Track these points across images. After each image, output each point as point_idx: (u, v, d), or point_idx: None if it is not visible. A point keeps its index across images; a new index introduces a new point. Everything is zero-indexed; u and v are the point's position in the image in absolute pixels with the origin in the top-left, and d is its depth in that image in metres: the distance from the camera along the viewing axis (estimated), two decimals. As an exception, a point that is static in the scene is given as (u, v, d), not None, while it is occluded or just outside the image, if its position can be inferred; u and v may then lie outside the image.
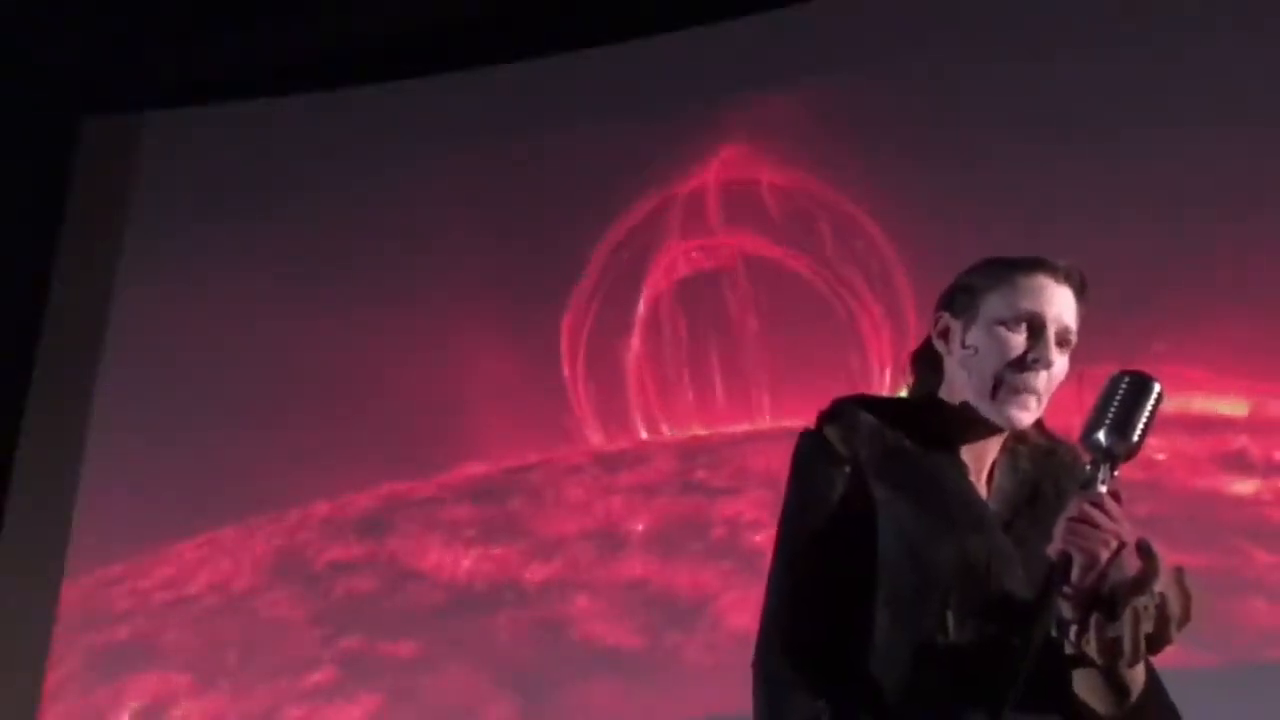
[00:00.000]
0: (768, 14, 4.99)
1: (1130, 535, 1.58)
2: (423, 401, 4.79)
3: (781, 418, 4.41)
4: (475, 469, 4.69)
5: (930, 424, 1.77)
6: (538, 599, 4.42)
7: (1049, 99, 4.54)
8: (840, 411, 1.76)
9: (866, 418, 1.75)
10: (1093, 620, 1.56)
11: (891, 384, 4.27)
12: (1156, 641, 1.59)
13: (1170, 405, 4.18)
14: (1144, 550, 1.59)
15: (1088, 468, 1.62)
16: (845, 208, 4.67)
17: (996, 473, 1.78)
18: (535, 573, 4.47)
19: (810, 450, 1.75)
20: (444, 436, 4.74)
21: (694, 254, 4.81)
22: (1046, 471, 1.76)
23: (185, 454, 4.91)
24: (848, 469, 1.71)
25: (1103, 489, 1.60)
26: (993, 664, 1.58)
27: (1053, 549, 1.58)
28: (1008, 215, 4.42)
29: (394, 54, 5.37)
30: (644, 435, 4.62)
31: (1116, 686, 1.62)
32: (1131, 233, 4.26)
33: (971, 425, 1.76)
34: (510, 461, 4.67)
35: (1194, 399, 4.05)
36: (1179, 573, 1.61)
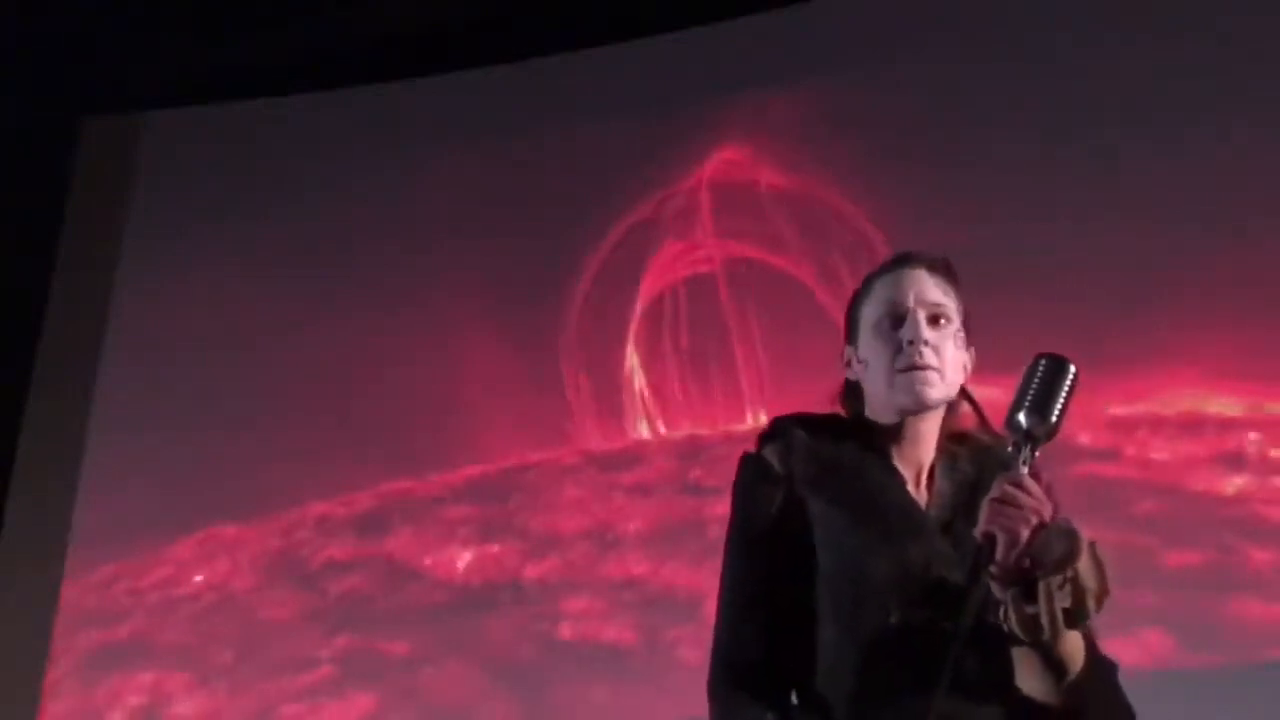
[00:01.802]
0: (768, 14, 4.99)
1: (1050, 513, 1.61)
2: (421, 401, 4.79)
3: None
4: (473, 468, 4.69)
5: (864, 438, 1.81)
6: (535, 597, 4.42)
7: (1050, 99, 4.54)
8: (777, 431, 1.82)
9: (801, 435, 1.80)
10: (1009, 598, 1.60)
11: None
12: (1076, 616, 1.61)
13: (1168, 406, 4.20)
14: (1063, 529, 1.61)
15: (1009, 449, 1.66)
16: (844, 209, 4.66)
17: (936, 477, 1.80)
18: (532, 571, 4.47)
19: (748, 470, 1.81)
20: (442, 436, 4.74)
21: (692, 254, 4.81)
22: (986, 469, 1.77)
23: (184, 453, 4.91)
24: (785, 486, 1.76)
25: (1024, 469, 1.62)
26: (931, 654, 1.61)
27: (978, 530, 1.62)
28: (1008, 216, 4.42)
29: (394, 54, 5.38)
30: (641, 435, 4.62)
31: (1055, 665, 1.64)
32: (1132, 234, 4.26)
33: (899, 436, 1.80)
34: (508, 461, 4.67)
35: (1192, 399, 4.05)
36: (1092, 546, 1.63)
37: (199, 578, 4.79)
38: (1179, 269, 4.18)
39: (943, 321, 1.80)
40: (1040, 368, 1.66)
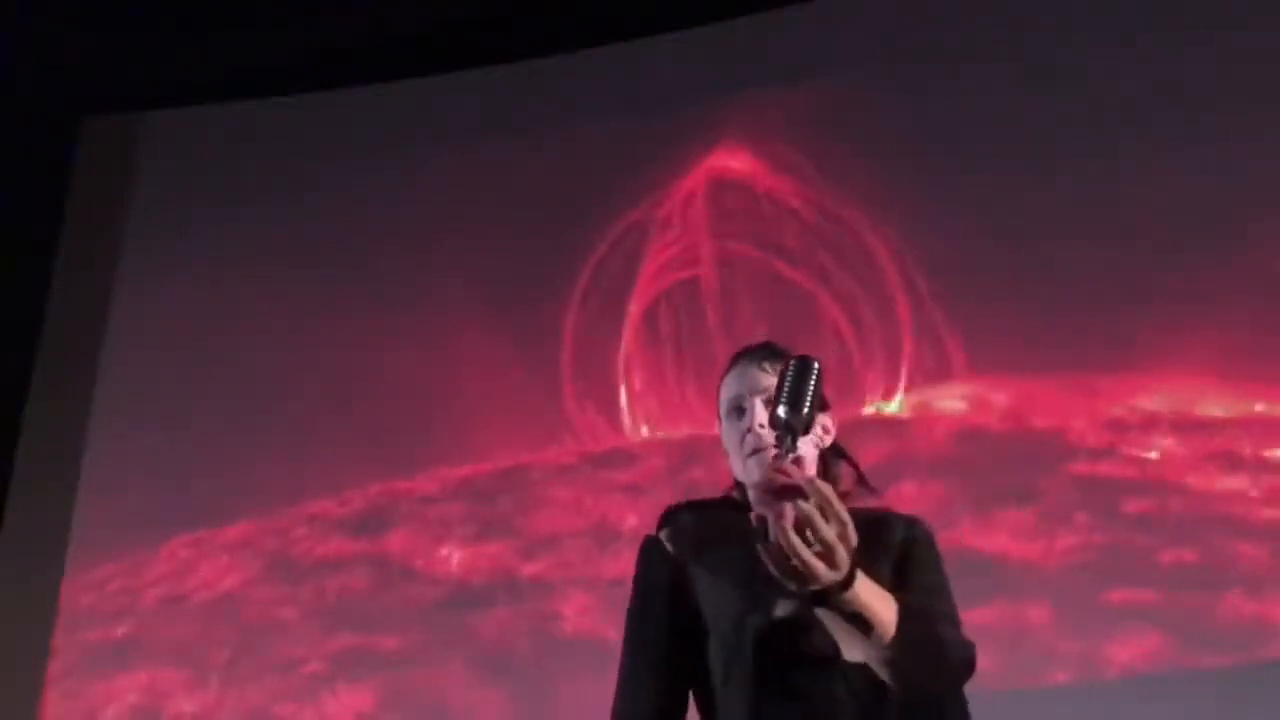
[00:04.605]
0: (768, 14, 5.00)
1: (809, 488, 1.73)
2: (419, 400, 4.80)
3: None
4: (470, 467, 4.70)
5: (745, 516, 1.95)
6: (530, 596, 4.43)
7: (1049, 99, 4.55)
8: (668, 518, 2.08)
9: (689, 519, 2.07)
10: (768, 551, 1.71)
11: (886, 387, 4.27)
12: (827, 554, 1.69)
13: (1165, 406, 4.20)
14: (807, 492, 1.73)
15: (773, 442, 1.80)
16: (843, 209, 4.67)
17: None
18: (529, 570, 4.48)
19: (645, 552, 2.07)
20: (439, 435, 4.74)
21: (690, 255, 4.81)
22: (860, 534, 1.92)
23: (183, 452, 4.92)
24: (676, 564, 2.02)
25: (789, 457, 1.76)
26: (807, 691, 1.86)
27: (753, 515, 1.75)
28: (1007, 217, 4.42)
29: (394, 54, 5.39)
30: (636, 434, 4.62)
31: (854, 622, 1.77)
32: (1129, 235, 4.27)
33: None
34: (505, 460, 4.67)
35: (1187, 399, 4.06)
36: (820, 491, 1.74)
37: (197, 576, 4.80)
38: (1175, 270, 4.19)
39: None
40: (791, 368, 1.79)
